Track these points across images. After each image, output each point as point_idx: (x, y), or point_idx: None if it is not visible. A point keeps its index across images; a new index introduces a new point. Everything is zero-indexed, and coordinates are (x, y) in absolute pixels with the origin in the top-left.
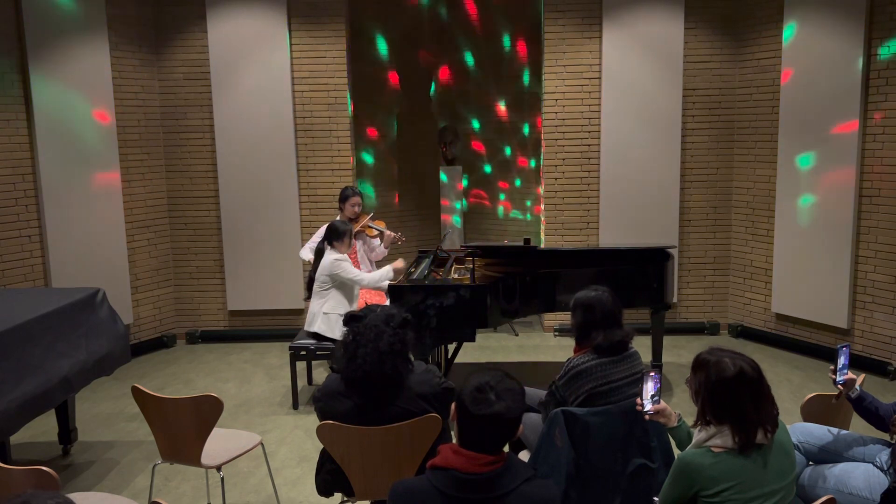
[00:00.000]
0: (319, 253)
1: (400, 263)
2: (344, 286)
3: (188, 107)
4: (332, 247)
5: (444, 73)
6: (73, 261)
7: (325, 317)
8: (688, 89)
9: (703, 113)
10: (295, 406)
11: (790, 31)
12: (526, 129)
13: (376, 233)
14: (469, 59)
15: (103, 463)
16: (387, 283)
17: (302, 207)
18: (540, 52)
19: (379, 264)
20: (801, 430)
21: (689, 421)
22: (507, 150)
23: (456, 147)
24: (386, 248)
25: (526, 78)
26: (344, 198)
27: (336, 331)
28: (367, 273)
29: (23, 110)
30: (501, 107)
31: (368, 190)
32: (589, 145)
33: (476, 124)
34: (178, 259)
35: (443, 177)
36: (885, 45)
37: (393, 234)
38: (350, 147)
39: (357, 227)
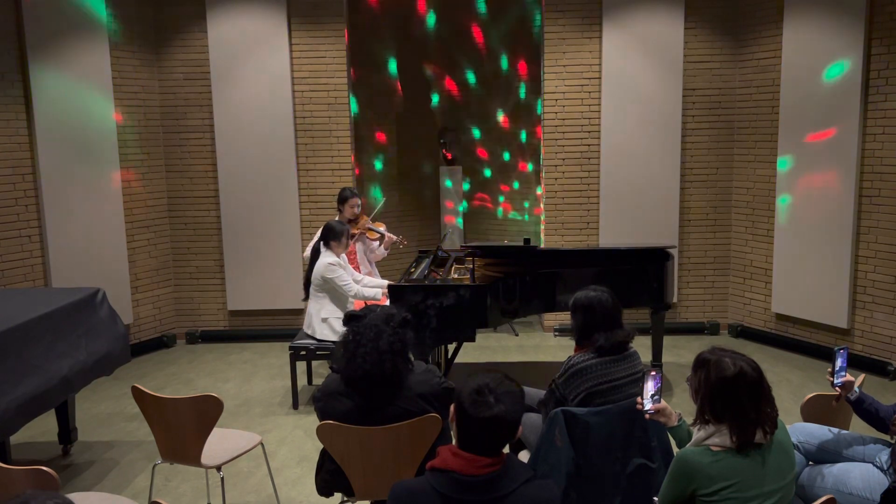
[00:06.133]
0: (316, 253)
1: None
2: (337, 290)
3: (188, 107)
4: (329, 247)
5: (444, 73)
6: (73, 261)
7: (325, 322)
8: (688, 89)
9: (703, 113)
10: (295, 406)
11: (790, 30)
12: (526, 129)
13: (377, 236)
14: (469, 58)
15: (103, 463)
16: (379, 292)
17: (302, 207)
18: (540, 52)
19: (378, 265)
20: (800, 430)
21: (690, 420)
22: (507, 150)
23: (456, 147)
24: (386, 249)
25: (526, 79)
26: (343, 199)
27: (338, 333)
28: (358, 285)
29: (23, 110)
30: (502, 106)
31: (377, 194)
32: (589, 145)
33: (476, 125)
34: (178, 259)
35: (443, 177)
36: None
37: (394, 237)
38: (350, 147)
39: (358, 230)
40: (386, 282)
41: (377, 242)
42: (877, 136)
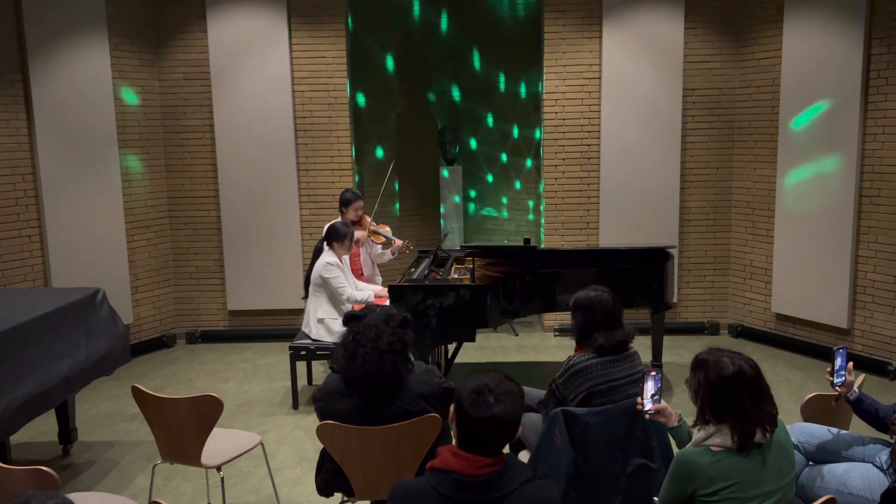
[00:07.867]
0: (317, 252)
1: (383, 292)
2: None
3: (188, 107)
4: (332, 248)
5: (443, 73)
6: (73, 261)
7: (321, 323)
8: (688, 89)
9: (703, 113)
10: (295, 406)
11: (790, 30)
12: (527, 129)
13: (383, 240)
14: (469, 58)
15: (103, 463)
16: (372, 295)
17: (302, 207)
18: (540, 52)
19: (381, 267)
20: (800, 430)
21: (690, 421)
22: (507, 151)
23: (456, 147)
24: (393, 254)
25: (527, 77)
26: (346, 202)
27: (333, 334)
28: (353, 289)
29: (23, 110)
30: (501, 107)
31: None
32: (589, 145)
33: (477, 124)
34: (178, 259)
35: (443, 176)
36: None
37: (400, 242)
38: (350, 147)
39: (364, 234)
40: (383, 289)
41: (380, 247)
42: (877, 136)
